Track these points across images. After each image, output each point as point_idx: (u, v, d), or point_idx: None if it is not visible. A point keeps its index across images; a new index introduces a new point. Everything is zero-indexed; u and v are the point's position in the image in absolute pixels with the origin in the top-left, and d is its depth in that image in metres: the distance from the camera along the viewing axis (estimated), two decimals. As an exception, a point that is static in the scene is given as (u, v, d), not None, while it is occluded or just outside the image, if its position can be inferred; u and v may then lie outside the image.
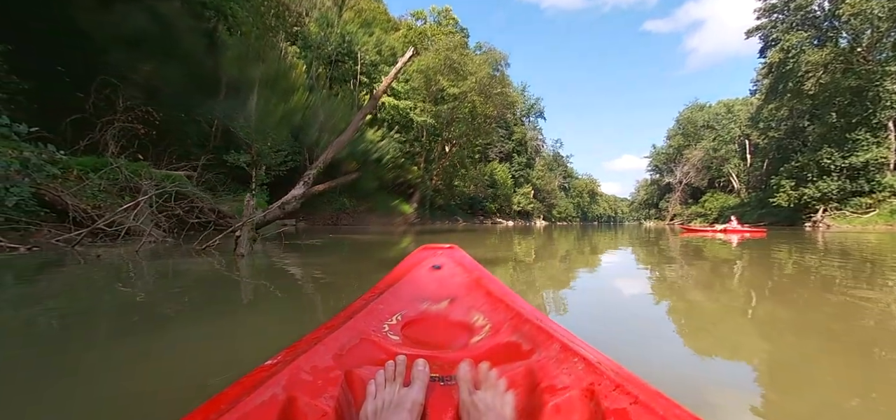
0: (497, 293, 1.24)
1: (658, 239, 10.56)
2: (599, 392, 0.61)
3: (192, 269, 3.50)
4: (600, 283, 3.50)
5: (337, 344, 0.84)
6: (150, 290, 2.59)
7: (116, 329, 1.79)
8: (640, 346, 1.68)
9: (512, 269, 4.16)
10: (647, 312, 2.35)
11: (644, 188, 76.33)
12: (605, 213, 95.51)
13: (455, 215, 31.71)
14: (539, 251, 6.67)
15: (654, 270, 4.18)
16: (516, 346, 0.90)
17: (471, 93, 24.49)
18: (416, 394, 0.69)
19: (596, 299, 2.69)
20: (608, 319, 2.17)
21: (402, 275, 1.48)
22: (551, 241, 9.11)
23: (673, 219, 53.08)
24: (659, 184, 62.86)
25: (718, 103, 53.40)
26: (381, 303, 1.20)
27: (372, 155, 22.40)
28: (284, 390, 0.61)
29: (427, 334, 1.10)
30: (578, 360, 0.71)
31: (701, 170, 50.30)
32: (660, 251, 6.73)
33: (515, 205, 44.11)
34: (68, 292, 2.52)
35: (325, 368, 0.73)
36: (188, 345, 1.59)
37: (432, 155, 28.18)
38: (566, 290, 2.99)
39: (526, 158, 48.29)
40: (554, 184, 56.23)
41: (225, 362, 1.41)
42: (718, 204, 46.03)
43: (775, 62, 28.63)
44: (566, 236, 11.96)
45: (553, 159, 61.55)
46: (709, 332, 1.93)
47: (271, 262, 4.20)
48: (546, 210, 52.69)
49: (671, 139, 57.76)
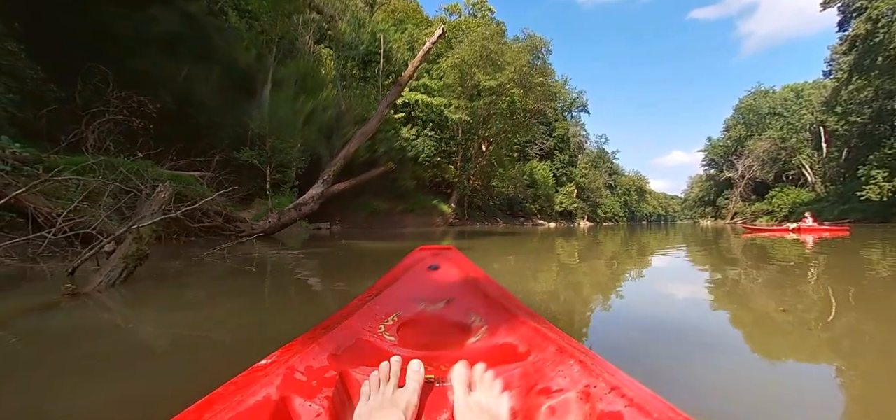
0: (494, 294, 1.24)
1: (716, 239, 9.52)
2: (595, 394, 0.61)
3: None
4: (649, 289, 3.15)
5: (332, 344, 0.84)
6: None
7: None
8: (691, 362, 1.47)
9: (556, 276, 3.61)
10: (702, 323, 2.08)
11: (698, 184, 71.23)
12: (654, 212, 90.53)
13: (494, 216, 30.69)
14: (583, 253, 6.08)
15: (713, 273, 3.80)
16: (512, 348, 0.90)
17: (509, 85, 23.34)
18: (411, 395, 0.69)
19: (642, 312, 2.35)
20: (655, 330, 1.91)
21: (398, 275, 1.48)
22: (596, 245, 8.21)
23: (734, 217, 48.70)
24: (716, 179, 58.06)
25: (785, 88, 48.49)
26: (378, 303, 1.21)
27: (408, 152, 22.19)
28: (278, 391, 0.62)
29: (423, 335, 1.09)
30: (574, 363, 0.71)
31: (766, 162, 45.73)
32: (719, 253, 6.05)
33: (557, 205, 42.18)
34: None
35: (320, 369, 0.72)
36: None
37: (469, 153, 27.35)
38: (613, 297, 2.72)
39: (568, 155, 46.13)
40: (599, 182, 53.46)
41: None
42: (789, 199, 41.68)
43: (860, 35, 25.08)
44: (612, 237, 11.05)
45: (597, 156, 58.69)
46: (775, 347, 1.67)
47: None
48: (591, 210, 50.21)
49: (730, 130, 53.13)
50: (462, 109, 24.04)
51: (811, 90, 43.92)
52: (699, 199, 67.27)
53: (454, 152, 26.57)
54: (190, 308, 2.37)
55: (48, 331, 1.85)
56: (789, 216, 39.60)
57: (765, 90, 49.92)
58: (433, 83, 24.36)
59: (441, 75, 24.87)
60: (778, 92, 49.03)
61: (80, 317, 2.05)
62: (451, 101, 24.19)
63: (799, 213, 26.04)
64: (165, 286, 2.99)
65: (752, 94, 50.44)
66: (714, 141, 57.76)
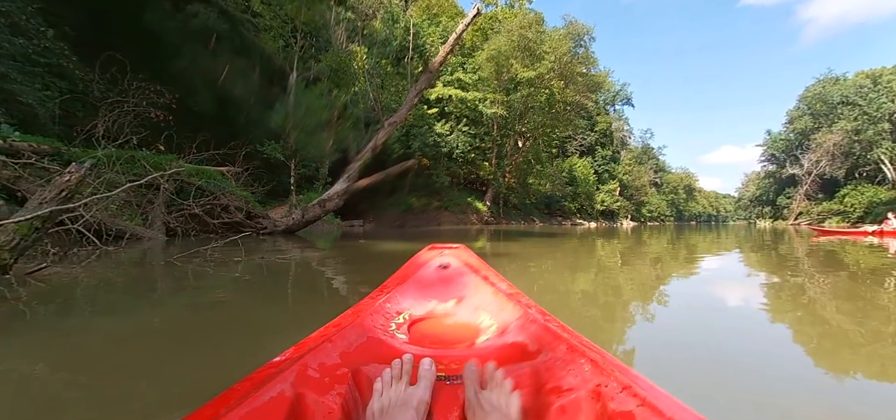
0: (504, 293, 1.22)
1: (776, 242, 8.53)
2: (606, 394, 0.60)
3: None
4: (706, 300, 2.71)
5: (344, 342, 0.84)
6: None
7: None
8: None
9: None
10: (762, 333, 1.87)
11: (755, 182, 65.93)
12: (704, 212, 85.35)
13: (531, 215, 29.33)
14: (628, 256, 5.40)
15: (777, 278, 3.44)
16: (523, 347, 0.89)
17: (548, 76, 22.07)
18: (423, 392, 0.69)
19: (693, 325, 2.07)
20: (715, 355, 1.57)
21: (409, 274, 1.48)
22: (639, 246, 7.03)
23: (798, 218, 44.32)
24: (776, 176, 53.25)
25: (859, 74, 43.46)
26: (389, 301, 1.21)
27: (441, 148, 21.49)
28: (292, 387, 0.62)
29: (434, 333, 1.09)
30: (585, 362, 0.70)
31: (837, 157, 41.21)
32: (782, 258, 5.19)
33: (598, 203, 40.02)
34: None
35: (333, 366, 0.73)
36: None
37: (504, 150, 26.31)
38: (659, 308, 2.42)
39: (611, 151, 43.65)
40: (643, 179, 50.33)
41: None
42: (864, 199, 37.41)
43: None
44: (658, 239, 10.25)
45: (642, 152, 55.48)
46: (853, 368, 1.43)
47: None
48: (634, 209, 47.42)
49: (793, 122, 48.46)
50: (498, 103, 22.90)
51: (890, 76, 39.11)
52: (756, 198, 62.16)
53: (489, 149, 25.52)
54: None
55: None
56: (864, 217, 35.59)
57: (835, 77, 45.11)
58: (467, 77, 23.42)
59: (476, 69, 23.86)
60: (850, 79, 44.07)
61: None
62: (487, 96, 23.11)
63: (878, 213, 22.90)
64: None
65: (820, 81, 45.76)
66: (774, 135, 52.98)
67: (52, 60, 8.04)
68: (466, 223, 21.56)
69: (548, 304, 1.79)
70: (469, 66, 24.33)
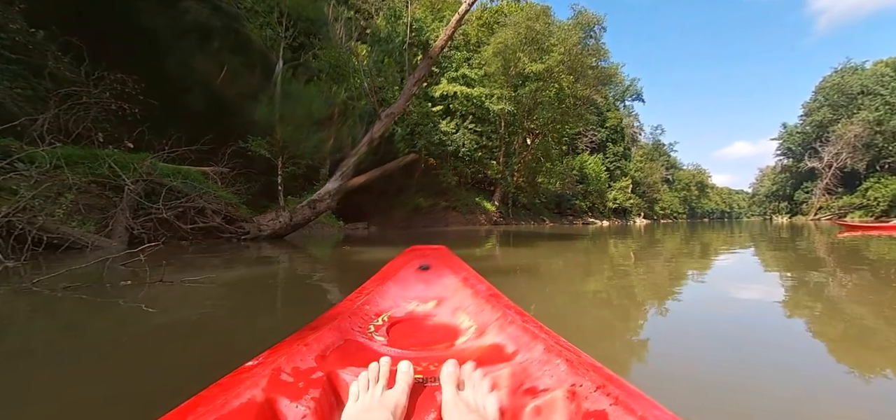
0: (483, 294, 1.22)
1: (794, 237, 7.93)
2: (581, 393, 0.61)
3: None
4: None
5: (320, 345, 0.82)
6: None
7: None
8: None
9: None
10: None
11: (770, 177, 64.28)
12: (716, 209, 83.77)
13: (541, 215, 28.39)
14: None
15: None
16: (501, 348, 0.90)
17: (558, 68, 21.15)
18: (400, 396, 0.67)
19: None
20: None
21: (389, 275, 1.45)
22: (653, 245, 6.27)
23: (818, 213, 42.77)
24: (793, 170, 51.67)
25: (878, 63, 41.91)
26: (368, 303, 1.18)
27: (447, 147, 20.73)
28: (263, 392, 0.60)
29: (413, 335, 1.08)
30: (561, 362, 0.70)
31: (858, 149, 39.68)
32: (815, 260, 4.57)
33: (611, 201, 38.90)
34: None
35: (308, 370, 0.71)
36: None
37: (512, 148, 25.41)
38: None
39: (622, 148, 42.53)
40: (655, 176, 49.07)
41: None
42: (888, 191, 35.95)
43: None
44: (671, 236, 9.70)
45: (653, 148, 54.21)
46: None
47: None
48: (647, 206, 46.21)
49: (810, 114, 46.94)
50: (505, 99, 22.04)
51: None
52: (772, 193, 60.50)
53: (496, 147, 24.66)
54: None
55: None
56: (889, 211, 34.16)
57: (854, 67, 43.53)
58: (473, 73, 22.58)
59: (482, 64, 23.05)
60: (869, 68, 42.52)
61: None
62: (493, 92, 22.27)
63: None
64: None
65: (838, 71, 44.22)
66: (790, 128, 51.47)
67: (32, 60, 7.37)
68: (475, 224, 20.78)
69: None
70: (474, 61, 23.53)
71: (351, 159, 7.29)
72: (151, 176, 5.84)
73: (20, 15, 6.91)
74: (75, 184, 4.94)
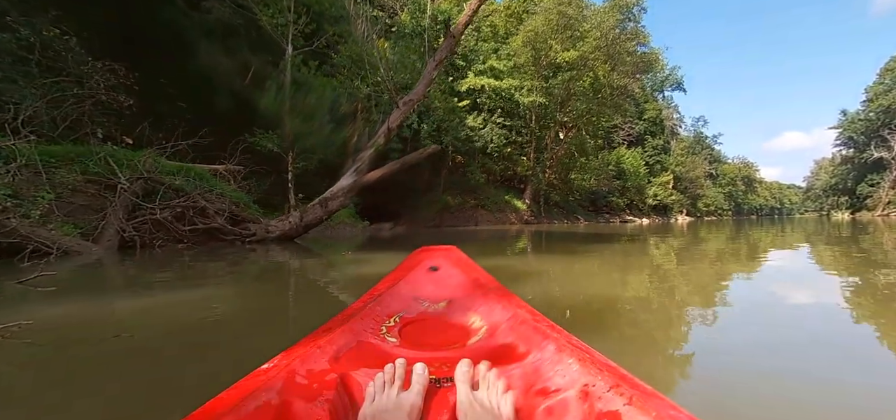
0: (494, 294, 1.21)
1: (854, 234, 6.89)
2: (594, 393, 0.60)
3: None
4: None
5: (334, 347, 0.82)
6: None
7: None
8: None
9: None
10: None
11: (827, 169, 59.21)
12: (766, 204, 78.37)
13: (575, 213, 26.94)
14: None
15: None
16: (513, 348, 0.89)
17: (592, 56, 19.76)
18: (415, 397, 0.67)
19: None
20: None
21: (400, 276, 1.46)
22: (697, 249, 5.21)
23: (887, 208, 38.71)
24: (856, 161, 47.17)
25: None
26: (379, 304, 1.18)
27: (475, 142, 19.84)
28: (279, 395, 0.60)
29: (425, 336, 1.07)
30: (574, 361, 0.69)
31: (935, 135, 35.55)
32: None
33: (650, 198, 36.70)
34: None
35: (322, 372, 0.71)
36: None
37: (543, 143, 24.16)
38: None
39: (662, 141, 40.02)
40: (698, 170, 45.98)
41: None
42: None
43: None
44: (716, 236, 8.60)
45: (695, 141, 50.98)
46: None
47: None
48: (689, 203, 43.41)
49: (874, 100, 42.58)
50: (536, 91, 20.88)
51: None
52: (830, 187, 55.67)
53: (527, 142, 23.50)
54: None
55: None
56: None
57: (929, 43, 39.06)
58: (502, 64, 21.57)
59: (510, 55, 21.99)
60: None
61: None
62: (523, 84, 21.16)
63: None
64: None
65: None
66: (852, 114, 46.99)
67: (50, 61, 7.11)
68: (505, 223, 19.81)
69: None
70: (503, 53, 22.50)
71: (367, 152, 6.58)
72: (152, 173, 5.35)
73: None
74: (64, 182, 4.48)
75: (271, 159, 8.28)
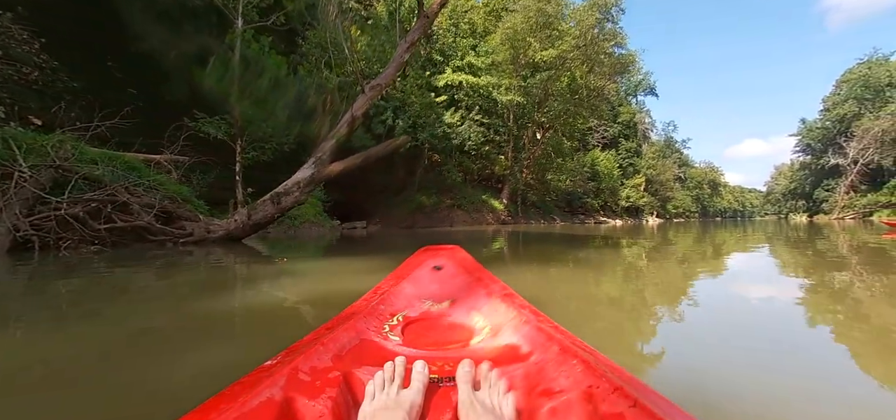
0: (498, 294, 1.21)
1: (810, 237, 7.05)
2: (597, 395, 0.59)
3: None
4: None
5: (336, 345, 0.81)
6: None
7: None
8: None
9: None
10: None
11: (787, 174, 62.05)
12: (729, 207, 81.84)
13: (551, 214, 26.84)
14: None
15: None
16: (516, 348, 0.88)
17: (571, 55, 19.56)
18: (415, 395, 0.67)
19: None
20: None
21: (403, 275, 1.46)
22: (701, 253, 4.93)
23: (842, 212, 40.72)
24: (813, 167, 49.52)
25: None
26: (382, 303, 1.18)
27: (452, 140, 19.22)
28: (282, 391, 0.60)
29: (427, 335, 1.07)
30: (577, 363, 0.69)
31: (886, 144, 37.58)
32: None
33: (623, 199, 37.27)
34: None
35: (325, 369, 0.71)
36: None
37: (521, 142, 23.88)
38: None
39: (635, 144, 40.66)
40: (668, 174, 47.16)
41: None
42: (920, 188, 33.85)
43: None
44: (684, 236, 8.81)
45: (665, 145, 52.28)
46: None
47: None
48: (659, 205, 44.41)
49: (831, 109, 44.77)
50: (514, 90, 20.51)
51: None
52: (789, 191, 58.31)
53: (505, 141, 23.13)
54: None
55: None
56: (919, 210, 32.34)
57: (881, 58, 41.37)
58: (480, 61, 21.07)
59: (489, 53, 21.54)
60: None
61: None
62: (501, 82, 20.74)
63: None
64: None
65: (864, 63, 42.07)
66: (809, 123, 49.29)
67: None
68: (482, 223, 19.31)
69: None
70: (481, 49, 22.02)
71: (328, 143, 5.81)
72: (64, 161, 4.44)
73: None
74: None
75: (219, 149, 7.35)
